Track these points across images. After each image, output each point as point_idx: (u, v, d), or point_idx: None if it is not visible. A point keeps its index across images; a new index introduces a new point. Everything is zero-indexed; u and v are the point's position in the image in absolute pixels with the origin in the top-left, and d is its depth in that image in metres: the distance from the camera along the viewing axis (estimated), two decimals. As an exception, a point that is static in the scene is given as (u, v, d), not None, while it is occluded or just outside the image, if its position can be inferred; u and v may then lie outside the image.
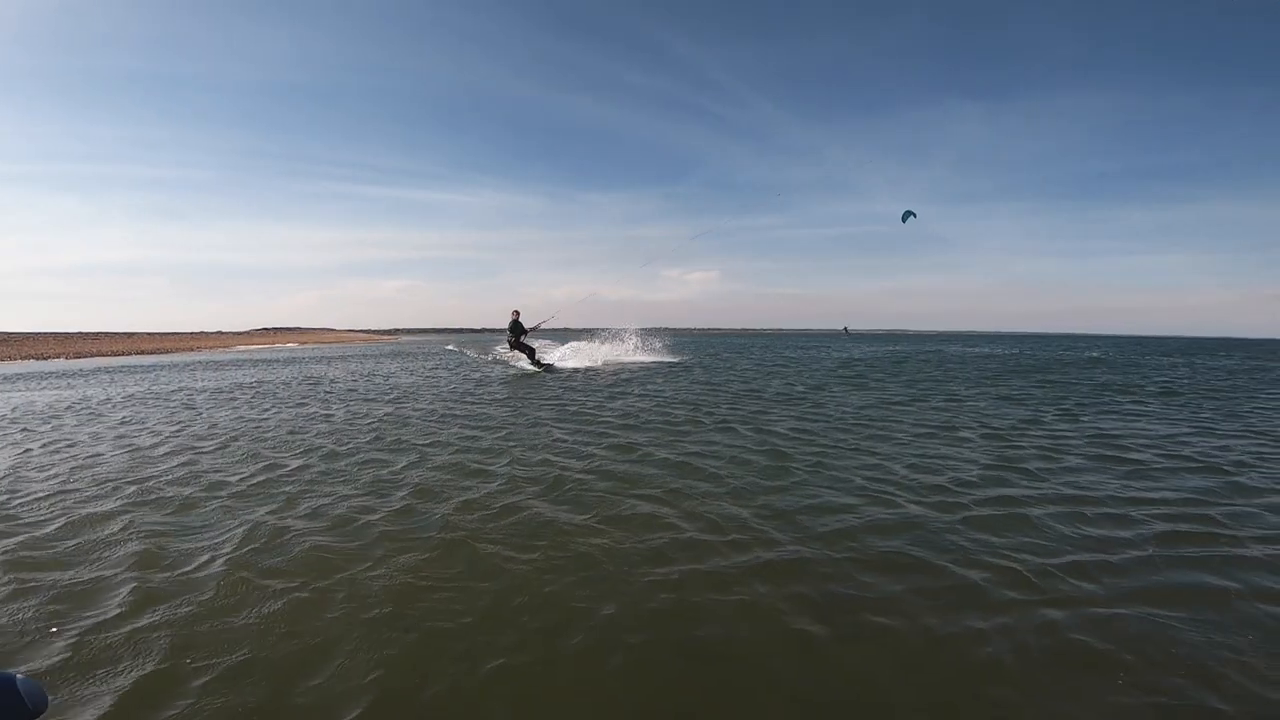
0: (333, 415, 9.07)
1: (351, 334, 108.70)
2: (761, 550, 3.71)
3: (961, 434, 7.46)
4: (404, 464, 5.85)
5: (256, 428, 8.06)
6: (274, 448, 6.72)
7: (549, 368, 17.42)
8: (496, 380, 14.67)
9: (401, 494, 4.87)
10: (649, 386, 12.87)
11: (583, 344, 22.35)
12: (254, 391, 12.78)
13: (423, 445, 6.73)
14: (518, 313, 16.73)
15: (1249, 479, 5.43)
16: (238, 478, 5.42)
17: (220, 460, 6.14)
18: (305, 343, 60.97)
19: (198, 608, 3.01)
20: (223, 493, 4.97)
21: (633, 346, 23.76)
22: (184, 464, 5.97)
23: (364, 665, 2.52)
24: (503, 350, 21.77)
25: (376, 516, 4.33)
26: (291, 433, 7.65)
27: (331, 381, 14.88)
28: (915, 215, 17.36)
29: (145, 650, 2.63)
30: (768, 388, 12.87)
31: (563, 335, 37.59)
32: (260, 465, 5.88)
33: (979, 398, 11.31)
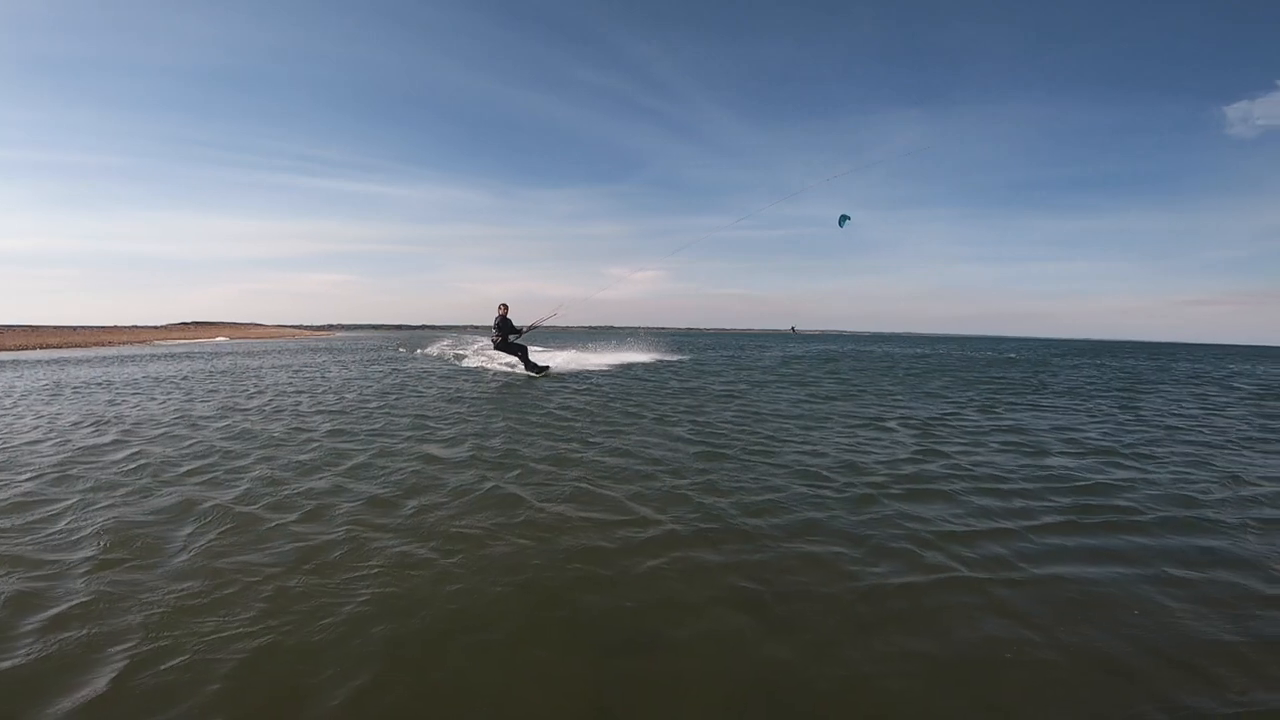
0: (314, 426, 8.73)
1: (282, 329, 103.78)
2: (698, 524, 3.89)
3: (888, 425, 7.91)
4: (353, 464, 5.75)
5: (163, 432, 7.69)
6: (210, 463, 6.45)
7: (543, 370, 14.51)
8: (451, 379, 14.40)
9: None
10: (596, 382, 12.98)
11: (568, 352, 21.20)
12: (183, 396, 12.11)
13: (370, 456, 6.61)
14: (506, 307, 13.97)
15: (1135, 461, 6.02)
16: (182, 470, 5.21)
17: (161, 450, 5.86)
18: (234, 337, 57.86)
19: (150, 601, 2.93)
20: (166, 481, 4.78)
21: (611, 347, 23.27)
22: (127, 456, 5.67)
23: (326, 654, 2.53)
24: (484, 345, 18.64)
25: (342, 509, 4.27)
26: (267, 457, 7.35)
27: (277, 382, 14.25)
28: (850, 219, 18.11)
29: (95, 645, 2.55)
30: (710, 385, 13.19)
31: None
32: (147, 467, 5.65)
33: (906, 393, 11.96)
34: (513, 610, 2.83)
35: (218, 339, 52.90)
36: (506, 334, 14.09)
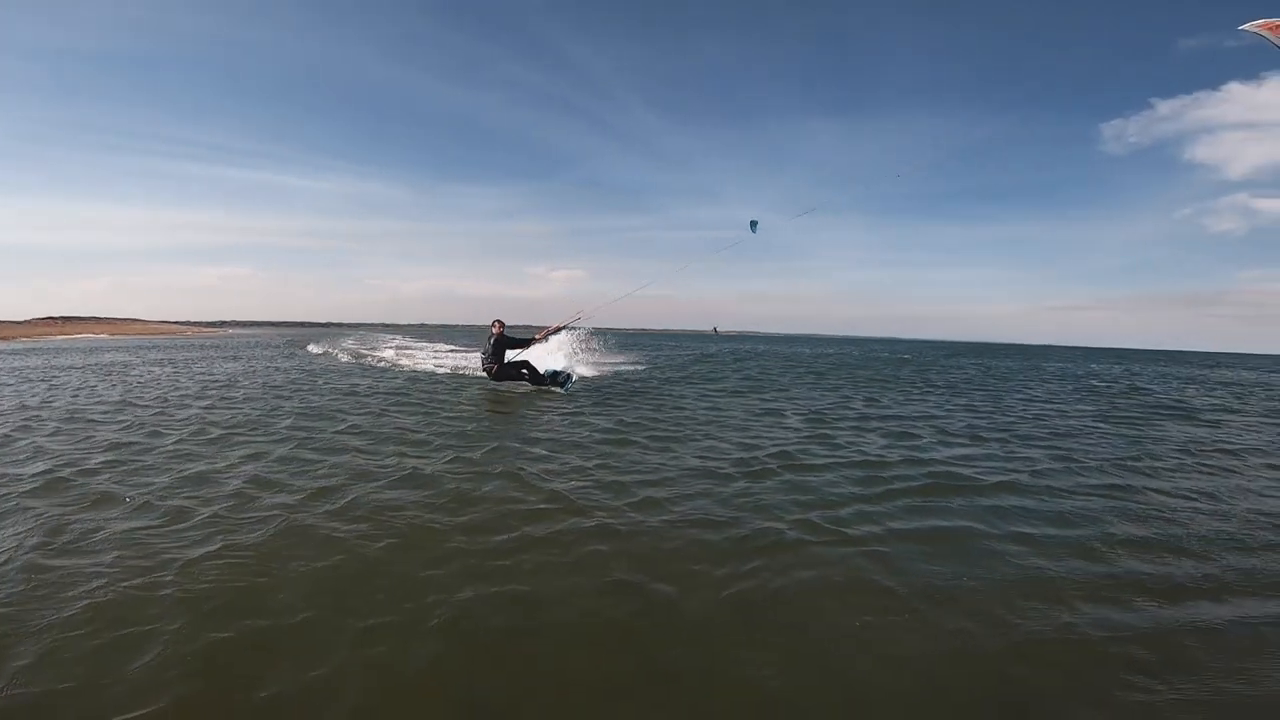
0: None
1: (167, 325, 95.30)
2: (596, 516, 4.09)
3: (786, 417, 8.44)
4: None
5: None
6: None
7: (567, 380, 10.80)
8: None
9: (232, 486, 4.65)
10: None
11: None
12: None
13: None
14: (502, 324, 10.72)
15: (997, 446, 6.79)
16: (31, 472, 4.83)
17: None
18: (112, 334, 52.62)
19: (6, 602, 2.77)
20: (18, 489, 4.43)
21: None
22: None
23: (187, 654, 2.51)
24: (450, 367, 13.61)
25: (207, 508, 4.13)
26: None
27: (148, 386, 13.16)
28: (758, 223, 18.89)
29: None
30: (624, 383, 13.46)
31: (420, 331, 35.92)
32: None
33: (806, 388, 12.73)
34: (395, 603, 2.91)
35: (99, 335, 47.95)
36: (503, 353, 10.68)
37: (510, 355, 10.71)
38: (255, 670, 2.28)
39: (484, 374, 10.99)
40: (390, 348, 24.63)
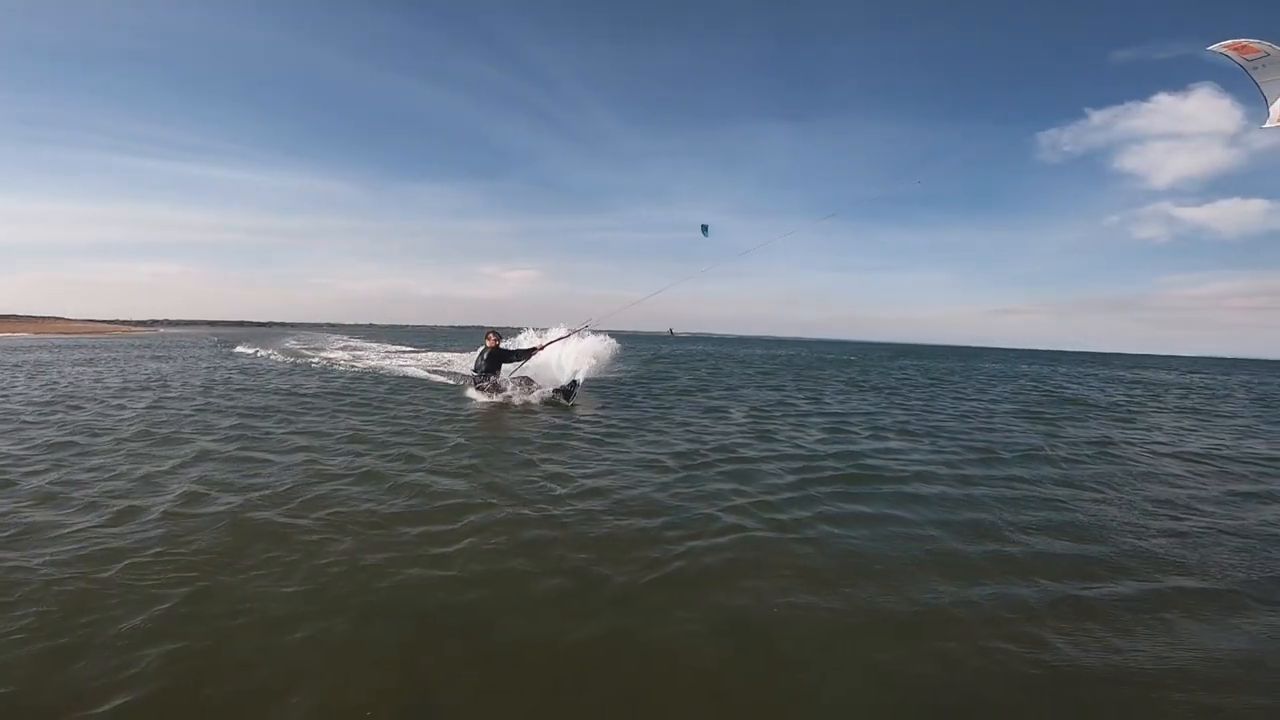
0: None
1: (95, 324, 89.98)
2: (541, 506, 4.23)
3: (731, 414, 8.75)
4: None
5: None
6: None
7: (573, 388, 9.44)
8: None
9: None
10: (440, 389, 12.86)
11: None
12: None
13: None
14: (498, 338, 9.97)
15: (924, 441, 7.22)
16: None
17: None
18: (40, 333, 49.42)
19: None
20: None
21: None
22: None
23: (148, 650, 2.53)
24: (476, 393, 9.73)
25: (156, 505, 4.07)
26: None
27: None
28: (710, 227, 19.29)
29: None
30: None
31: (369, 332, 35.14)
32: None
33: (754, 388, 13.12)
34: (344, 594, 2.99)
35: (19, 334, 44.96)
36: (497, 369, 9.80)
37: (509, 369, 9.90)
38: (207, 667, 2.30)
39: (476, 391, 9.52)
40: (336, 348, 24.06)
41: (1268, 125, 4.94)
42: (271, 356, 19.41)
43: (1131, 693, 2.29)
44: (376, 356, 19.66)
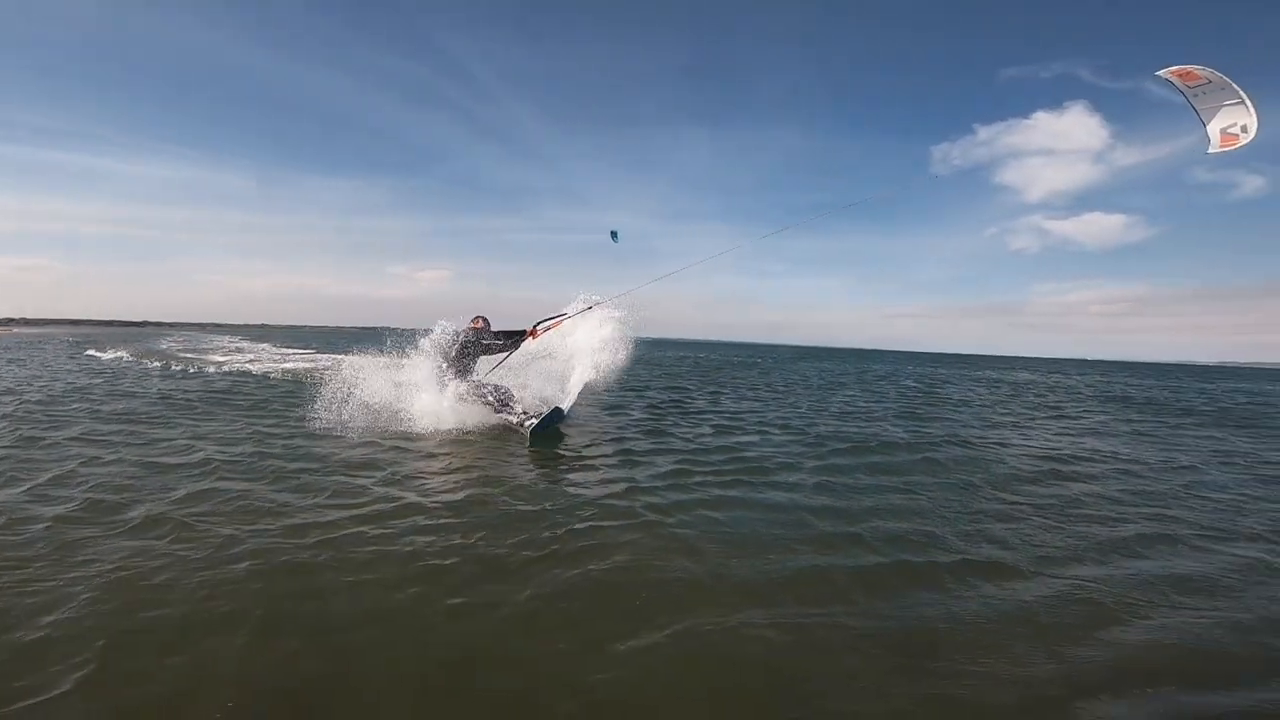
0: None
1: (-81, 321, 78.25)
2: (416, 512, 4.23)
3: (631, 413, 8.98)
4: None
5: None
6: None
7: (547, 421, 6.68)
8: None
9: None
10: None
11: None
12: None
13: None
14: (485, 321, 7.50)
15: (802, 435, 7.72)
16: None
17: None
18: None
19: None
20: None
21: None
22: None
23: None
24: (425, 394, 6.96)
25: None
26: None
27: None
28: (618, 233, 19.57)
29: None
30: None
31: (260, 333, 32.88)
32: None
33: (658, 390, 13.47)
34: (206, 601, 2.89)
35: None
36: (469, 364, 7.23)
37: (485, 364, 7.54)
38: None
39: (437, 391, 6.84)
40: (220, 351, 22.36)
41: (1211, 150, 5.13)
42: (124, 360, 17.74)
43: (958, 650, 2.62)
44: (264, 358, 18.44)
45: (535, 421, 6.44)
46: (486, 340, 7.27)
